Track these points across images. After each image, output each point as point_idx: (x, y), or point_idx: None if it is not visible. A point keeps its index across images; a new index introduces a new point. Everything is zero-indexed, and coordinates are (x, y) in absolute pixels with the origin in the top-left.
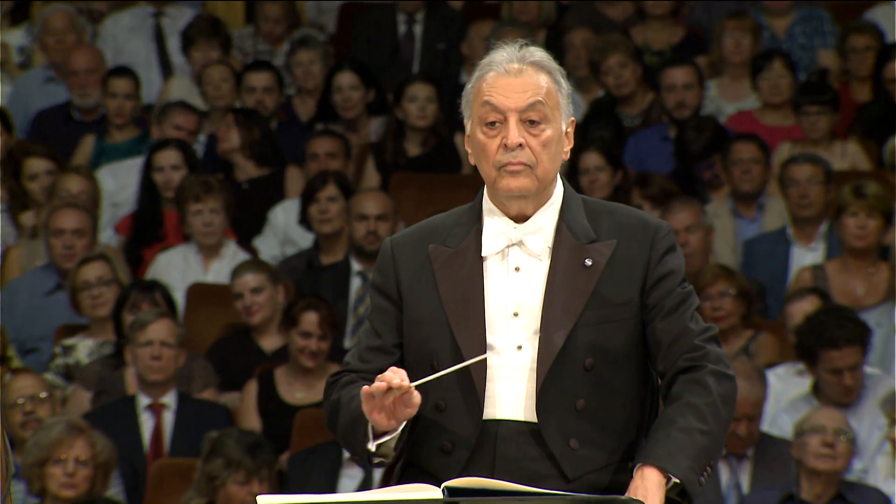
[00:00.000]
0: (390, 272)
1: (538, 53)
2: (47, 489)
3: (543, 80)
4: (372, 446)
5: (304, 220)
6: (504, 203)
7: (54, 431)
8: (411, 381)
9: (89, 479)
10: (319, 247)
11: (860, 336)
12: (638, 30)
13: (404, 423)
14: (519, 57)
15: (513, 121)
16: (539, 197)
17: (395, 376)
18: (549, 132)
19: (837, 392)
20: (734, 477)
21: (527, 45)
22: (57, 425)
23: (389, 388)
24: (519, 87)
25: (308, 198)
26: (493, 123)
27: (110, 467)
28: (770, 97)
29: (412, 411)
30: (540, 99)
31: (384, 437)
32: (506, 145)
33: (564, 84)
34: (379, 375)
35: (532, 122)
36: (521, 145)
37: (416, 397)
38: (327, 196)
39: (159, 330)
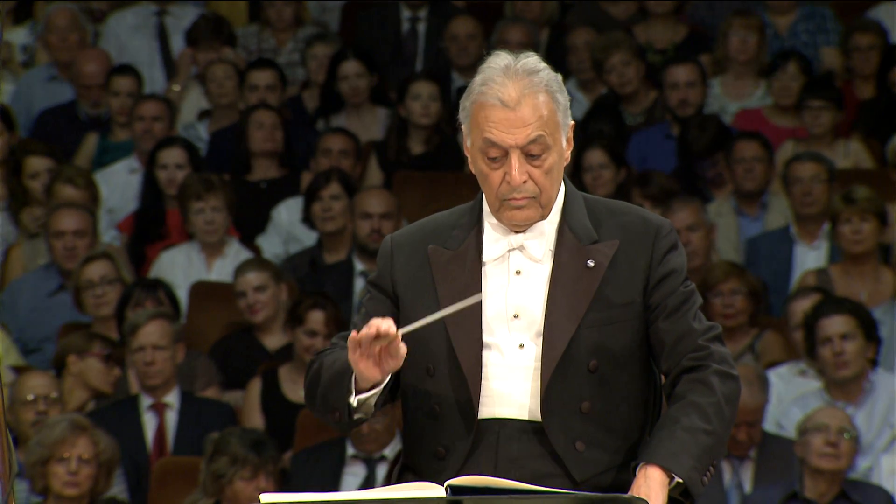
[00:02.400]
0: (388, 270)
1: (535, 75)
2: (50, 488)
3: (542, 105)
4: (353, 400)
5: (308, 219)
6: None
7: (57, 430)
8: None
9: (92, 478)
10: (322, 245)
11: (854, 311)
12: (641, 28)
13: (386, 381)
14: (515, 81)
15: (514, 158)
16: (552, 206)
17: (383, 323)
18: (551, 159)
19: (832, 367)
20: (736, 476)
21: (519, 58)
22: (60, 424)
23: (377, 336)
24: (519, 122)
25: (311, 196)
26: (494, 158)
27: (113, 466)
28: (780, 98)
29: (397, 363)
30: (540, 133)
31: (365, 394)
32: (509, 182)
33: (562, 96)
34: (367, 323)
35: (533, 156)
36: (524, 181)
37: (402, 348)
38: (330, 194)
39: (150, 333)
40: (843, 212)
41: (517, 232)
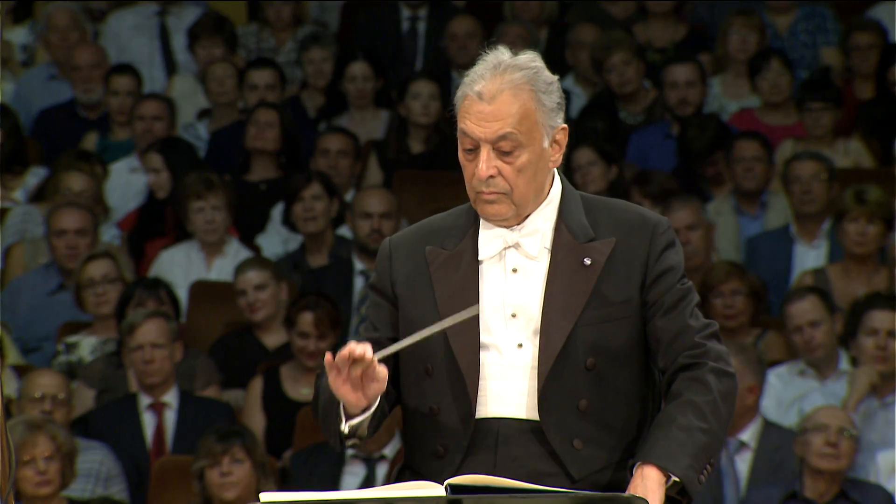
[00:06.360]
0: (386, 272)
1: (522, 72)
2: (23, 491)
3: (521, 103)
4: (345, 427)
5: (288, 221)
6: None
7: (16, 434)
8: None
9: (60, 472)
10: (305, 248)
11: None
12: (640, 27)
13: (377, 404)
14: (498, 76)
15: (484, 151)
16: (528, 206)
17: (358, 347)
18: (523, 158)
19: (870, 360)
20: (732, 472)
21: (515, 55)
22: (16, 427)
23: (354, 361)
24: (490, 116)
25: (292, 197)
26: (469, 150)
27: (74, 455)
28: (770, 97)
29: (380, 386)
30: (510, 130)
31: (356, 419)
32: (478, 175)
33: (550, 97)
34: (344, 346)
35: (505, 152)
36: (492, 176)
37: (382, 371)
38: (311, 195)
39: (148, 332)
40: (852, 210)
41: (511, 227)
